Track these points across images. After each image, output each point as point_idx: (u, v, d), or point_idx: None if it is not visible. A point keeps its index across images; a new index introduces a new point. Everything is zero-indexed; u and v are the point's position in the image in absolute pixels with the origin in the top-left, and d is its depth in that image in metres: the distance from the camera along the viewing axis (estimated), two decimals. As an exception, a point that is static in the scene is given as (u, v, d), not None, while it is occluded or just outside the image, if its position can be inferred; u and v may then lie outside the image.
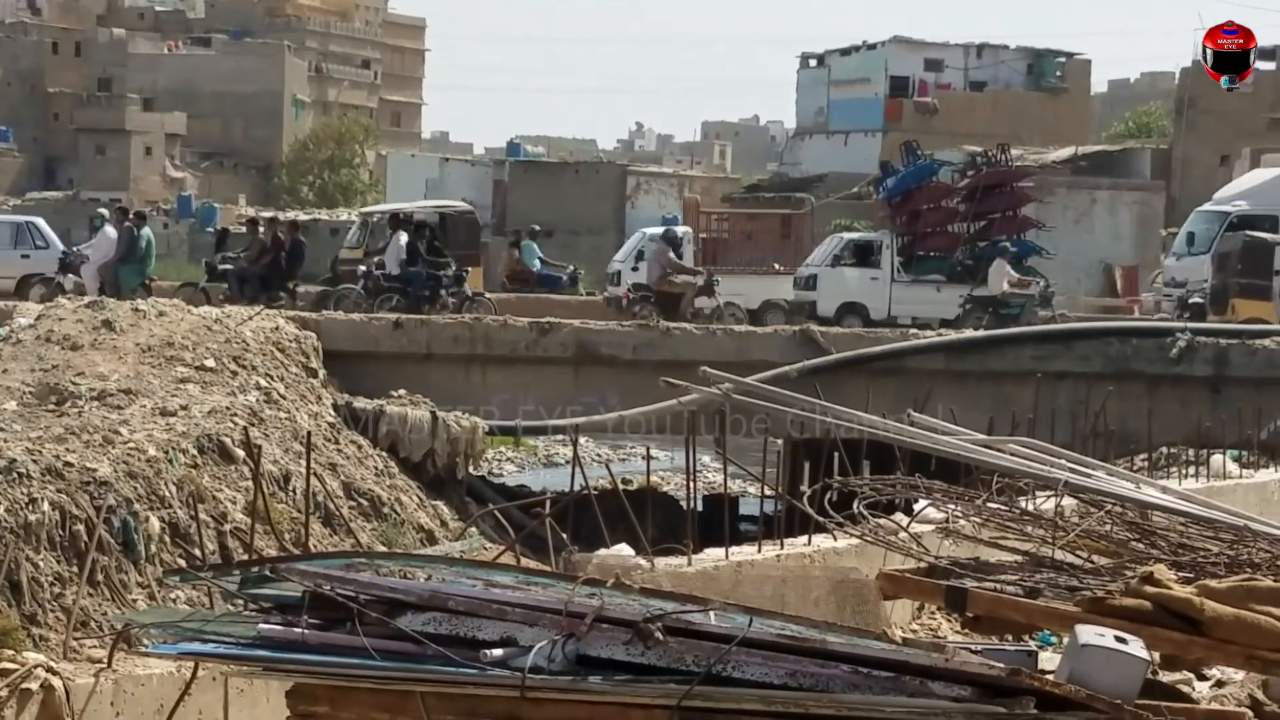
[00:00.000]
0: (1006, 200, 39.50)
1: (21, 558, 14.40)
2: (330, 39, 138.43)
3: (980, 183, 39.72)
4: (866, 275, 38.48)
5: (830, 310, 37.57)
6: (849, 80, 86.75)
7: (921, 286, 38.14)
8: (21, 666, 12.72)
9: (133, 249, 33.23)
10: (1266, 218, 37.84)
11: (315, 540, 17.93)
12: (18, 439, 16.95)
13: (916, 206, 39.40)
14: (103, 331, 23.64)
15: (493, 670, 8.00)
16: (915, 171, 40.27)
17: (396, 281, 34.92)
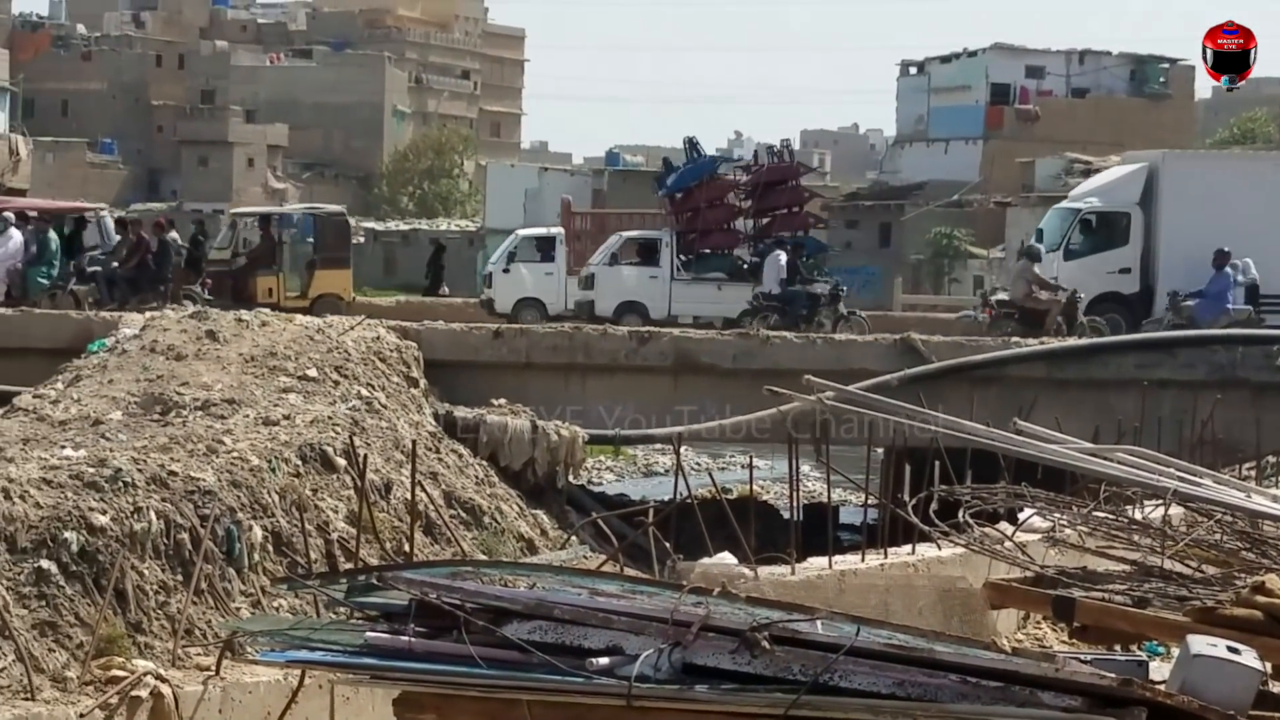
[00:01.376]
0: (788, 197, 39.02)
1: (127, 566, 14.48)
2: (430, 50, 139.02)
3: (761, 179, 39.33)
4: (646, 274, 37.77)
5: (609, 309, 36.84)
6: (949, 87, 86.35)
7: (702, 285, 37.42)
8: (131, 674, 12.81)
9: (41, 252, 33.39)
10: (1119, 214, 37.35)
11: (417, 549, 17.94)
12: (123, 449, 17.06)
13: (696, 203, 38.62)
14: (206, 342, 23.78)
15: (598, 679, 7.97)
16: (695, 168, 39.60)
17: (776, 300, 35.05)
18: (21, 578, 13.80)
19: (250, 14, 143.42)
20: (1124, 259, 36.15)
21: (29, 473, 15.21)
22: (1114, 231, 36.84)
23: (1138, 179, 37.67)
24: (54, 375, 23.27)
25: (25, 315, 28.54)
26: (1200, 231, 35.46)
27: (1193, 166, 39.47)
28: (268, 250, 37.75)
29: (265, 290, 35.94)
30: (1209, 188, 36.81)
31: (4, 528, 14.03)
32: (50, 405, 21.19)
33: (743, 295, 36.43)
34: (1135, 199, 37.06)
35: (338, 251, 38.46)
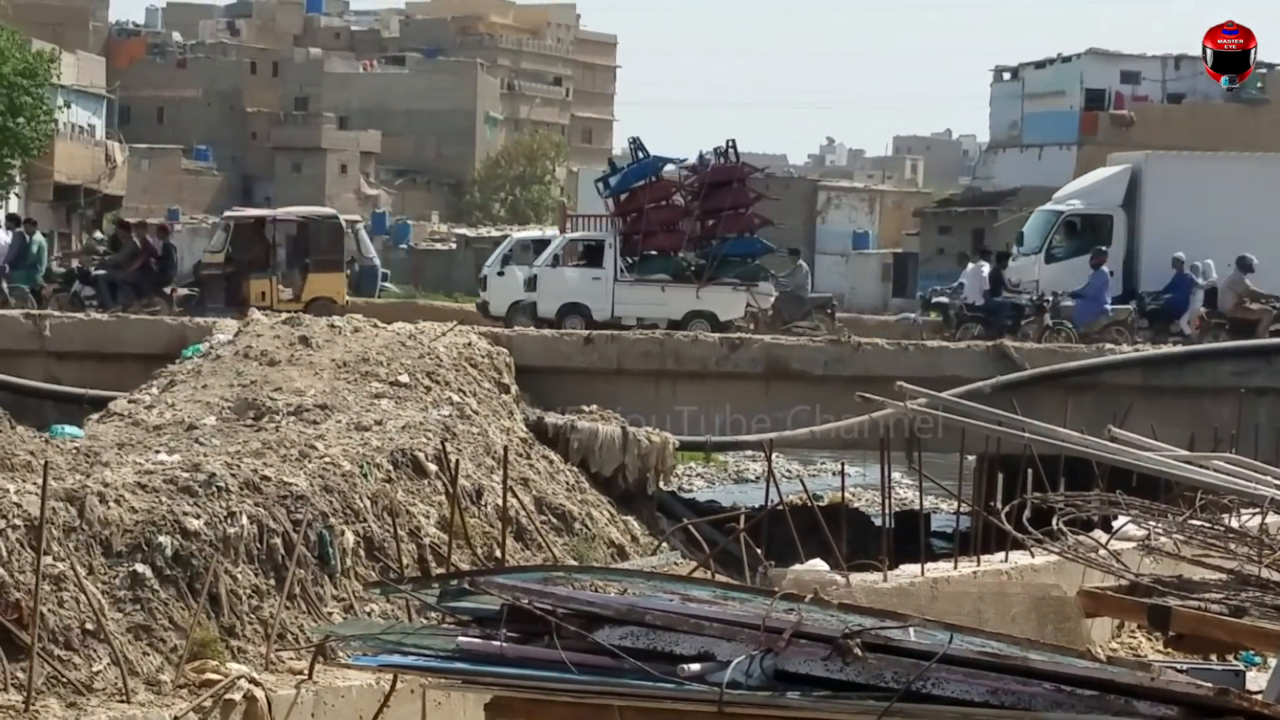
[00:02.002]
0: (733, 197, 38.11)
1: (220, 571, 14.56)
2: (522, 56, 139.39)
3: (706, 180, 38.49)
4: (589, 275, 37.16)
5: (551, 311, 36.33)
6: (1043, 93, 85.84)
7: (646, 286, 36.75)
8: (225, 677, 12.88)
9: (23, 254, 33.54)
10: (1101, 216, 36.92)
11: (508, 555, 17.97)
12: (217, 453, 17.16)
13: (640, 204, 37.97)
14: (299, 347, 23.89)
15: (690, 685, 7.96)
16: (638, 169, 38.86)
17: (980, 311, 34.96)
18: (116, 581, 13.89)
19: (344, 21, 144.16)
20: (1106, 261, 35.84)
21: (124, 477, 15.31)
22: (1097, 234, 36.57)
23: (1120, 180, 37.43)
24: (149, 380, 23.44)
25: (121, 321, 28.77)
26: (1185, 233, 35.21)
27: (1176, 168, 39.02)
28: (261, 253, 37.81)
29: (258, 293, 35.98)
30: (1193, 189, 36.53)
31: (99, 532, 14.12)
32: (145, 410, 21.35)
33: (687, 297, 36.08)
34: (1118, 201, 36.83)
35: (331, 254, 38.49)
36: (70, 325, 28.09)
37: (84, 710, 12.15)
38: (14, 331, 27.76)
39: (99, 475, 15.40)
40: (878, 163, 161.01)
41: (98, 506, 14.25)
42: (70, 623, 13.02)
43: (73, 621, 13.06)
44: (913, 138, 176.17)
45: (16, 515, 13.31)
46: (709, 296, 35.95)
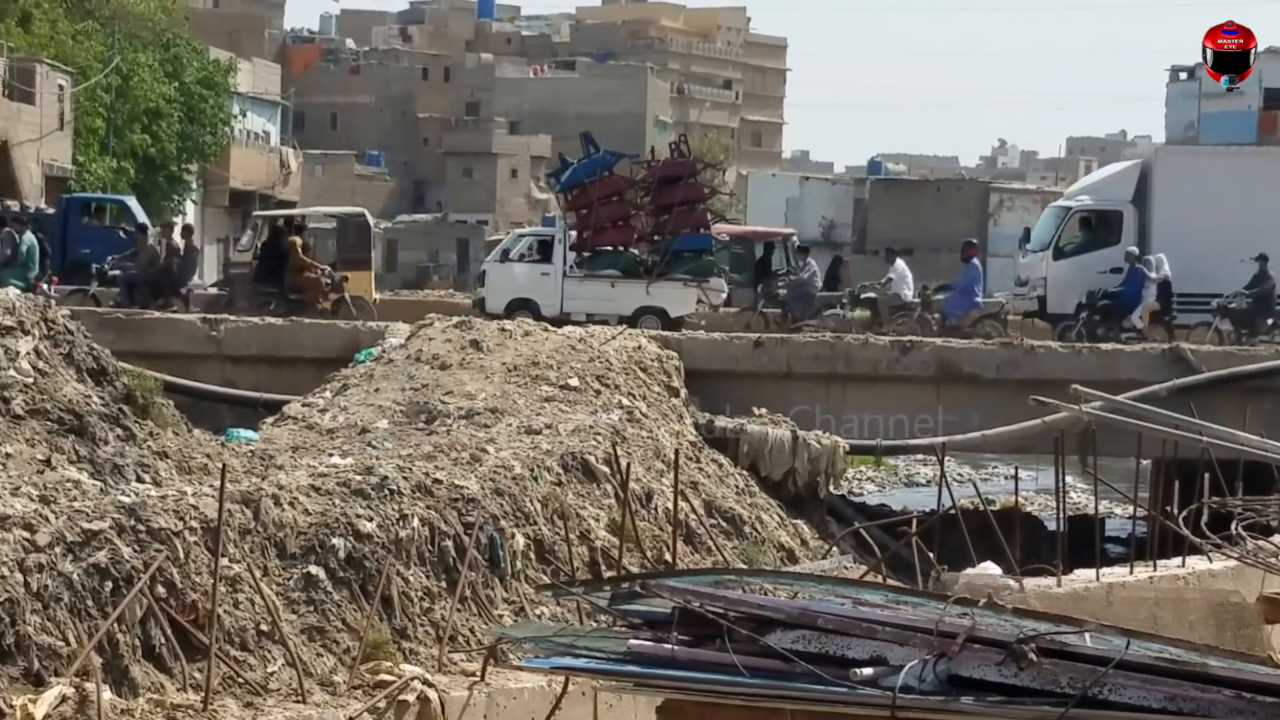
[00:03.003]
0: (684, 193, 37.45)
1: (393, 573, 14.66)
2: (692, 60, 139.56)
3: (656, 175, 38.35)
4: (537, 271, 36.80)
5: (499, 307, 35.62)
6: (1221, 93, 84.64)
7: (595, 282, 36.32)
8: (399, 678, 12.98)
9: (14, 254, 33.73)
10: (1110, 212, 36.06)
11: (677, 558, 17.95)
12: (389, 457, 17.28)
13: (589, 200, 37.52)
14: (470, 351, 24.02)
15: (862, 689, 7.90)
16: (588, 164, 38.34)
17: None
18: (291, 583, 14.02)
19: (515, 26, 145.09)
20: (1115, 258, 35.20)
21: (298, 480, 15.46)
22: (1106, 230, 36.00)
23: (1130, 176, 36.80)
24: (323, 384, 23.67)
25: (296, 325, 29.08)
26: (1195, 229, 34.62)
27: (1187, 163, 38.27)
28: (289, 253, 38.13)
29: None
30: (1204, 184, 35.81)
31: (274, 534, 14.26)
32: (319, 414, 21.56)
33: (637, 293, 35.74)
34: (1128, 196, 36.19)
35: (359, 253, 38.63)
36: (245, 330, 28.43)
37: (261, 710, 12.28)
38: (190, 336, 28.15)
39: (274, 478, 15.56)
40: (1051, 164, 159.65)
41: (272, 509, 14.40)
42: (245, 624, 13.16)
43: (248, 622, 13.20)
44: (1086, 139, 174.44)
45: (193, 517, 13.47)
46: (659, 292, 35.65)
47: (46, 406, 15.65)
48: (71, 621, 12.08)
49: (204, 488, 14.45)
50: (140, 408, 16.91)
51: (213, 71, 74.51)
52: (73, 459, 15.17)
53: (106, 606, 12.29)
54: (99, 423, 15.90)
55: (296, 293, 33.79)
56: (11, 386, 15.60)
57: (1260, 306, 34.42)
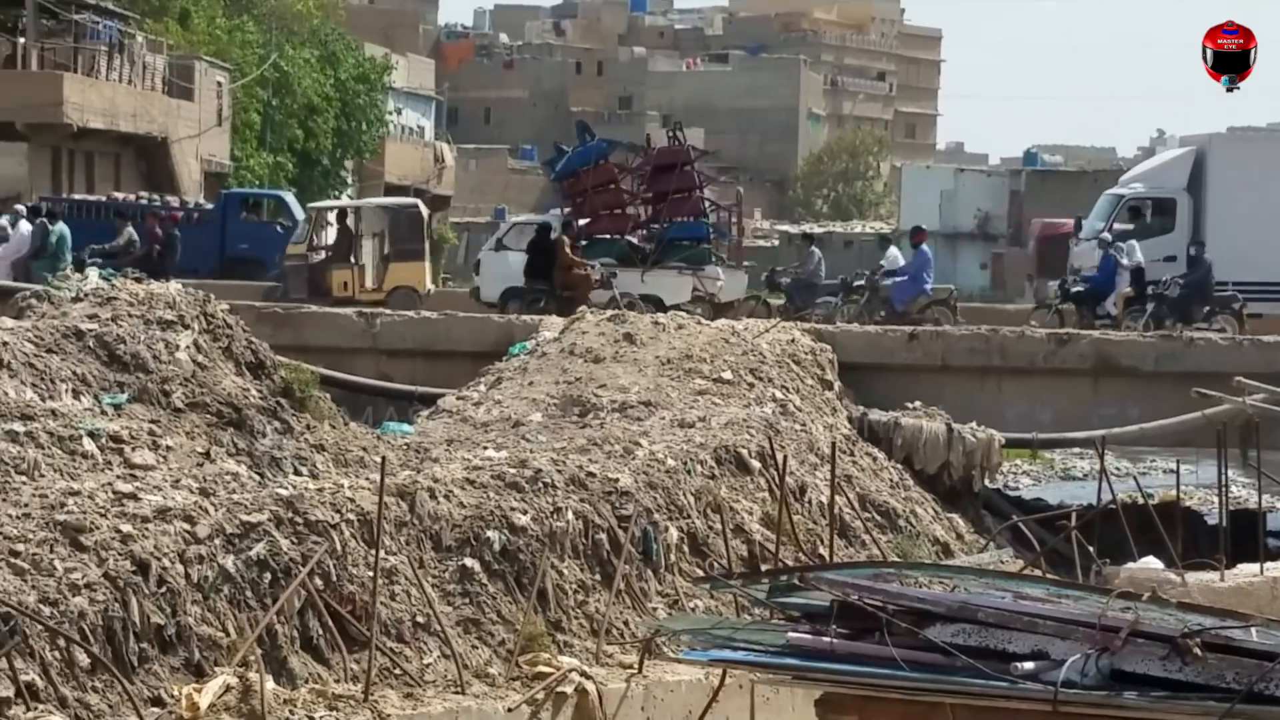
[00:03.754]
0: (679, 181, 37.01)
1: (547, 565, 14.68)
2: (845, 52, 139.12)
3: (651, 163, 37.81)
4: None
5: (494, 295, 35.26)
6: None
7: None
8: (557, 670, 13.01)
9: (44, 245, 33.64)
10: (1165, 200, 35.12)
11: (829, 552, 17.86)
12: (543, 450, 17.31)
13: (584, 187, 37.26)
14: (624, 345, 24.01)
15: (1023, 684, 7.82)
16: (582, 152, 38.17)
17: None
18: (446, 575, 14.08)
19: (667, 20, 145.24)
20: (1170, 246, 34.56)
21: (453, 473, 15.52)
22: (1159, 218, 35.32)
23: (1185, 163, 36.06)
24: (477, 378, 23.75)
25: (450, 319, 29.19)
26: (1251, 217, 33.86)
27: (1244, 149, 37.43)
28: (344, 244, 38.06)
29: (340, 283, 36.14)
30: (1261, 171, 35.02)
31: (430, 526, 14.33)
32: (473, 407, 21.64)
33: (632, 281, 35.18)
34: (1183, 184, 35.45)
35: (412, 244, 38.53)
36: (401, 323, 28.58)
37: (420, 701, 12.35)
38: (347, 330, 28.34)
39: (429, 471, 15.63)
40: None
41: (428, 502, 14.46)
42: (402, 616, 13.23)
43: (404, 614, 13.27)
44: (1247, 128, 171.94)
45: (350, 510, 13.56)
46: (654, 280, 35.31)
47: (206, 400, 15.83)
48: (231, 612, 12.19)
49: (360, 480, 14.55)
50: (297, 401, 17.07)
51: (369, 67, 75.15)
52: (232, 451, 15.34)
53: (265, 598, 12.40)
54: (257, 416, 16.06)
55: (567, 290, 33.92)
56: (172, 380, 15.79)
57: (1196, 294, 34.02)
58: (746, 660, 8.51)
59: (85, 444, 13.93)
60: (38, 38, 54.67)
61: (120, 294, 16.98)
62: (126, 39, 58.08)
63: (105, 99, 54.03)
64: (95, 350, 15.72)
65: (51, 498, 12.52)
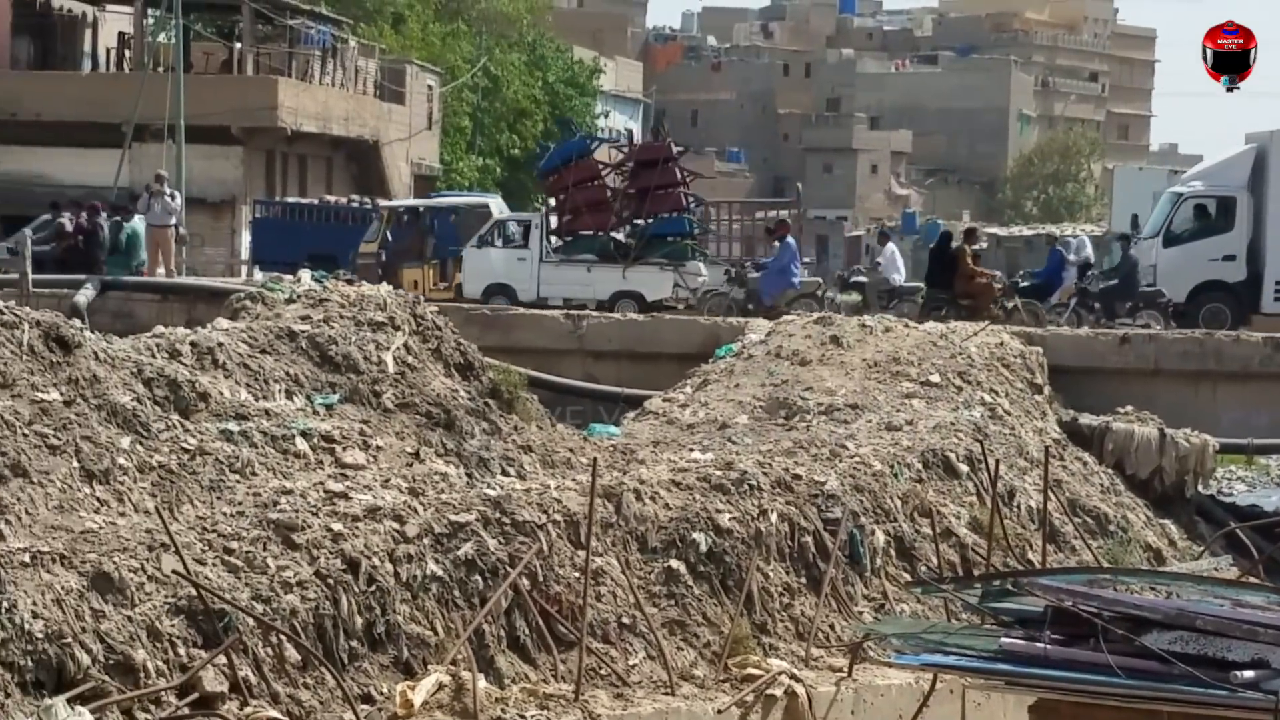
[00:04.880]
0: (660, 177, 36.41)
1: (753, 568, 14.64)
2: (1057, 53, 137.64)
3: (632, 159, 37.46)
4: (514, 255, 35.77)
5: (476, 291, 34.77)
6: None
7: (572, 267, 35.37)
8: (766, 673, 12.98)
9: (115, 243, 33.57)
10: (1224, 199, 33.83)
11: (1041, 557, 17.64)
12: (749, 452, 17.28)
13: (565, 184, 36.65)
14: (830, 347, 23.92)
15: (1243, 692, 7.65)
16: (563, 148, 37.91)
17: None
18: (652, 577, 14.09)
19: (876, 21, 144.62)
20: (1229, 245, 33.49)
21: (659, 475, 15.54)
22: (1219, 217, 34.26)
23: (1245, 161, 34.84)
24: (683, 379, 23.77)
25: (657, 321, 29.25)
26: None
27: None
28: (415, 242, 38.11)
29: (411, 282, 35.99)
30: None
31: (635, 528, 14.35)
32: (679, 409, 21.65)
33: (613, 277, 34.96)
34: (1243, 182, 34.24)
35: None
36: (607, 325, 28.68)
37: (630, 701, 12.38)
38: (554, 331, 28.49)
39: (635, 472, 15.66)
40: None
41: (634, 503, 14.48)
42: (608, 616, 13.26)
43: (610, 615, 13.29)
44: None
45: (557, 510, 13.61)
46: (635, 277, 34.99)
47: (415, 400, 15.97)
48: (439, 611, 12.28)
49: (567, 481, 14.60)
50: (505, 402, 17.17)
51: (577, 70, 75.54)
52: (440, 452, 15.45)
53: (472, 597, 12.48)
54: (466, 416, 16.18)
55: (967, 298, 34.03)
56: (382, 381, 15.94)
57: (1121, 289, 33.69)
58: (959, 665, 8.42)
59: (298, 443, 14.10)
60: (253, 43, 55.56)
61: (332, 295, 17.18)
62: (339, 44, 58.86)
63: (318, 103, 54.79)
64: (308, 351, 15.90)
65: (265, 496, 12.69)
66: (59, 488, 11.79)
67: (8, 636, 9.95)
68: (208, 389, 14.24)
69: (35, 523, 11.31)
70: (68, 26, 57.34)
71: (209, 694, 10.59)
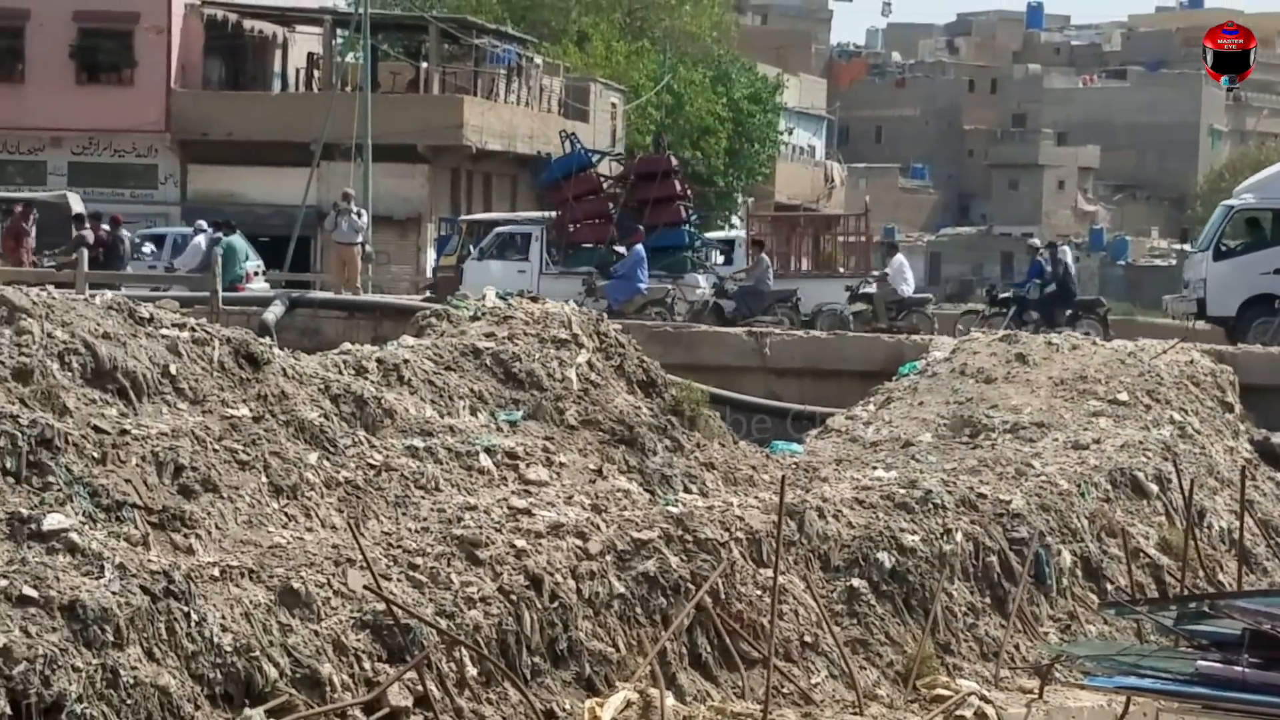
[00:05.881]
0: (659, 189, 36.79)
1: (936, 587, 14.55)
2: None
3: (631, 172, 37.97)
4: (514, 268, 35.96)
5: None
6: None
7: (571, 279, 34.98)
8: (955, 693, 12.89)
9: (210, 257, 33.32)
10: (1276, 211, 32.71)
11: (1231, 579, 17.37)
12: (933, 470, 17.18)
13: (565, 196, 37.23)
14: (1016, 365, 23.72)
15: None
16: (563, 161, 38.65)
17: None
18: (834, 595, 14.04)
19: (1064, 36, 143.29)
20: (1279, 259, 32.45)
21: (842, 493, 15.49)
22: (1269, 230, 33.37)
23: None
24: (866, 397, 23.67)
25: (839, 338, 29.19)
26: None
27: None
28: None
29: None
30: None
31: (818, 546, 14.32)
32: (862, 426, 21.56)
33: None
34: None
35: None
36: (790, 342, 28.65)
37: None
38: (737, 349, 28.50)
39: (818, 490, 15.62)
40: None
41: (816, 521, 14.45)
42: (790, 634, 13.23)
43: (792, 633, 13.26)
44: None
45: (739, 528, 13.61)
46: None
47: (598, 417, 16.02)
48: (621, 628, 12.31)
49: (749, 499, 14.59)
50: (687, 419, 17.18)
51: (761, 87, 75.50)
52: (623, 469, 15.49)
53: (654, 614, 12.50)
54: (648, 433, 16.20)
55: None
56: (566, 398, 16.01)
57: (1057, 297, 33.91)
58: (1154, 688, 8.30)
59: (482, 460, 14.19)
60: (440, 63, 56.14)
61: (516, 313, 17.28)
62: (525, 62, 59.30)
63: (503, 121, 55.23)
64: (492, 368, 16.00)
65: (449, 512, 12.79)
66: (248, 503, 11.95)
67: (198, 649, 10.10)
68: (393, 405, 14.36)
69: (225, 537, 11.47)
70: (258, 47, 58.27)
71: (395, 708, 10.68)
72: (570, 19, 68.93)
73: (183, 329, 13.31)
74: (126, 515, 11.10)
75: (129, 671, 9.64)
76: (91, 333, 12.43)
